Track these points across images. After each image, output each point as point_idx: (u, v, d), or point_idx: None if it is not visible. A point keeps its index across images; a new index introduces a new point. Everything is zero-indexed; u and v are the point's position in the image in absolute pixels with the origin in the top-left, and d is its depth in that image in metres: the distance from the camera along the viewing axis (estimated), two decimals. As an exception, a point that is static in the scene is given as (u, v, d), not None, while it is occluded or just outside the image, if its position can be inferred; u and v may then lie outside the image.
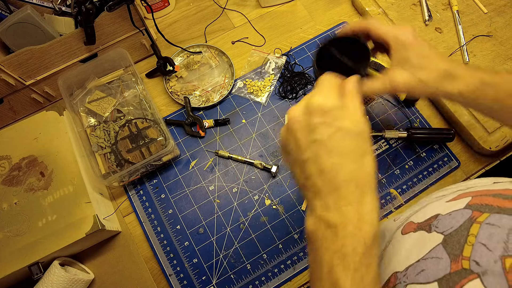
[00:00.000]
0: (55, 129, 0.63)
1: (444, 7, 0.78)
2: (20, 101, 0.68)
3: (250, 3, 0.83)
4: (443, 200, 0.36)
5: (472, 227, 0.28)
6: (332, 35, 0.78)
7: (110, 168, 0.64)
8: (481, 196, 0.31)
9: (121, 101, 0.69)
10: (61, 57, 0.65)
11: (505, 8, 0.77)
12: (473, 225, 0.28)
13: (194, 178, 0.67)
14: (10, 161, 0.60)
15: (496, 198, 0.30)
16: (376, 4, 0.78)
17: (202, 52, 0.77)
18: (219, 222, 0.64)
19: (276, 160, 0.68)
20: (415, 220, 0.36)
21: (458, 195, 0.35)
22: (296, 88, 0.73)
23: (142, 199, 0.66)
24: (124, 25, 0.66)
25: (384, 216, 0.64)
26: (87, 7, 0.57)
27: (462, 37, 0.73)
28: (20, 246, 0.54)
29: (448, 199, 0.35)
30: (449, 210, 0.32)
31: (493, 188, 0.33)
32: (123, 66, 0.71)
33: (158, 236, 0.64)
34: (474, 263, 0.26)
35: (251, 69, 0.76)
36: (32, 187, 0.58)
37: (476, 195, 0.32)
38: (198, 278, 0.61)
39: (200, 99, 0.73)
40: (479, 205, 0.30)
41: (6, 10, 0.63)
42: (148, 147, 0.65)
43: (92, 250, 0.62)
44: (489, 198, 0.30)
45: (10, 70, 0.60)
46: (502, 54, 0.72)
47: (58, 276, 0.53)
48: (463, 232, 0.29)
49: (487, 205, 0.29)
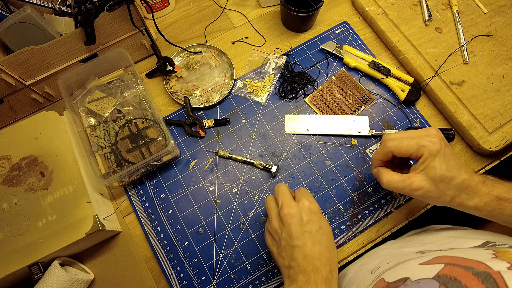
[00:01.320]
0: (55, 129, 0.63)
1: (444, 7, 0.78)
2: (20, 101, 0.68)
3: (250, 3, 0.83)
4: (417, 262, 0.38)
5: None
6: (332, 35, 0.78)
7: (110, 168, 0.64)
8: (454, 266, 0.32)
9: (121, 101, 0.69)
10: (61, 57, 0.65)
11: (505, 8, 0.77)
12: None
13: (194, 178, 0.67)
14: (10, 161, 0.60)
15: (467, 272, 0.30)
16: (376, 4, 0.78)
17: (202, 52, 0.77)
18: (219, 222, 0.64)
19: (276, 160, 0.68)
20: (386, 278, 0.38)
21: (434, 258, 0.36)
22: (296, 88, 0.73)
23: (142, 199, 0.66)
24: (124, 25, 0.66)
25: (384, 216, 0.64)
26: (87, 7, 0.57)
27: (462, 37, 0.73)
28: (20, 246, 0.54)
29: (423, 260, 0.37)
30: (419, 277, 0.33)
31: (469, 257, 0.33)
32: (123, 66, 0.71)
33: (158, 236, 0.64)
34: None
35: (251, 69, 0.76)
36: (32, 187, 0.58)
37: (450, 263, 0.33)
38: (198, 278, 0.61)
39: (200, 99, 0.73)
40: (448, 278, 0.30)
41: (6, 10, 0.63)
42: (148, 147, 0.65)
43: (92, 250, 0.62)
44: (460, 270, 0.30)
45: (10, 70, 0.60)
46: (502, 54, 0.72)
47: (58, 276, 0.53)
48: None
49: (455, 280, 0.30)
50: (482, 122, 0.66)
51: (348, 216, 0.64)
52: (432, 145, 0.45)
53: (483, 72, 0.71)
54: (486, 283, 0.28)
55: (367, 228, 0.63)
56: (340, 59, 0.75)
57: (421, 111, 0.71)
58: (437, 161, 0.45)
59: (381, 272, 0.41)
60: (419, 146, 0.46)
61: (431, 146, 0.45)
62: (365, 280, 0.45)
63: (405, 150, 0.47)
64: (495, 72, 0.71)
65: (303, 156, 0.68)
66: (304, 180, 0.67)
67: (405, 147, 0.47)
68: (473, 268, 0.30)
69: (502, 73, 0.71)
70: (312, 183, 0.66)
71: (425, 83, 0.71)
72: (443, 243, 0.48)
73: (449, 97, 0.69)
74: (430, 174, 0.45)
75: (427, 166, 0.45)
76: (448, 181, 0.45)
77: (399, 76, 0.72)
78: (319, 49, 0.77)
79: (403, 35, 0.75)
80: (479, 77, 0.70)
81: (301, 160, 0.68)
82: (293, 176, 0.67)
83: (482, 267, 0.30)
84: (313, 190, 0.66)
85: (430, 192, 0.46)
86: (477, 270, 0.29)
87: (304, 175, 0.67)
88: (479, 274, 0.29)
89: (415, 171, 0.47)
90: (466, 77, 0.70)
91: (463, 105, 0.68)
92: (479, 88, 0.69)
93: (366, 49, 0.77)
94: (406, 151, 0.47)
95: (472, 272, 0.29)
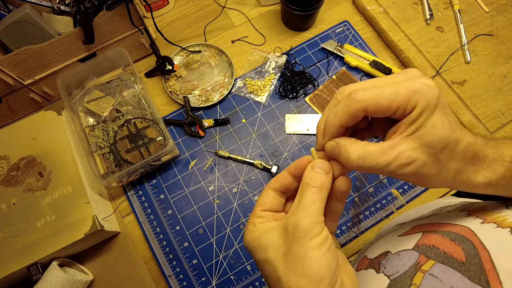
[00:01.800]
0: (54, 129, 0.62)
1: (446, 6, 0.77)
2: (18, 100, 0.68)
3: (250, 2, 0.82)
4: (396, 234, 0.36)
5: (416, 276, 0.28)
6: (333, 34, 0.78)
7: (109, 168, 0.64)
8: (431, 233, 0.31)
9: (120, 100, 0.69)
10: (60, 57, 0.65)
11: (506, 7, 0.76)
12: (417, 274, 0.28)
13: (194, 178, 0.67)
14: (9, 161, 0.60)
15: (444, 238, 0.29)
16: (377, 3, 0.78)
17: (202, 51, 0.76)
18: (219, 222, 0.64)
19: (276, 160, 0.68)
20: (368, 255, 0.36)
21: (412, 228, 0.34)
22: (297, 88, 0.73)
23: (141, 200, 0.66)
24: (123, 24, 0.66)
25: (385, 216, 0.63)
26: (86, 6, 0.56)
27: (463, 36, 0.73)
28: (19, 247, 0.53)
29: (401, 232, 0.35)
30: (399, 249, 0.32)
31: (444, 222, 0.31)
32: (122, 65, 0.71)
33: (157, 237, 0.63)
34: None
35: (251, 68, 0.75)
36: (30, 188, 0.58)
37: (427, 231, 0.32)
38: (197, 279, 0.60)
39: (199, 98, 0.72)
40: (427, 246, 0.29)
41: (4, 9, 0.63)
42: (147, 147, 0.65)
43: (91, 251, 0.62)
44: (438, 237, 0.30)
45: (8, 69, 0.60)
46: (503, 53, 0.72)
47: (57, 277, 0.53)
48: (407, 280, 0.29)
49: (434, 247, 0.28)
50: (483, 122, 0.66)
51: (349, 217, 0.64)
52: (429, 90, 0.27)
53: (484, 71, 0.70)
54: (462, 245, 0.28)
55: (368, 229, 0.63)
56: (341, 58, 0.75)
57: (422, 110, 0.71)
58: (437, 116, 0.27)
59: (364, 250, 0.41)
60: (411, 92, 0.27)
61: (428, 91, 0.27)
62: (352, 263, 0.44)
63: (388, 102, 0.27)
64: (496, 72, 0.70)
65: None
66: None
67: (389, 96, 0.27)
68: (449, 232, 0.30)
69: (503, 72, 0.70)
70: (312, 183, 0.66)
71: (426, 82, 0.70)
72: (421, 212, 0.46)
73: (451, 97, 0.68)
74: (427, 137, 0.28)
75: (422, 124, 0.27)
76: (453, 146, 0.28)
77: (400, 76, 0.71)
78: (319, 48, 0.76)
79: (404, 34, 0.75)
80: (480, 76, 0.70)
81: (301, 160, 0.68)
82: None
83: (457, 229, 0.30)
84: (313, 190, 0.65)
85: (426, 166, 0.28)
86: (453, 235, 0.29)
87: (304, 175, 0.67)
88: (456, 239, 0.29)
89: (401, 135, 0.28)
90: (467, 77, 0.70)
91: (464, 105, 0.68)
92: (481, 88, 0.69)
93: (367, 48, 0.76)
94: (390, 104, 0.27)
95: (449, 237, 0.29)
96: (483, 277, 0.24)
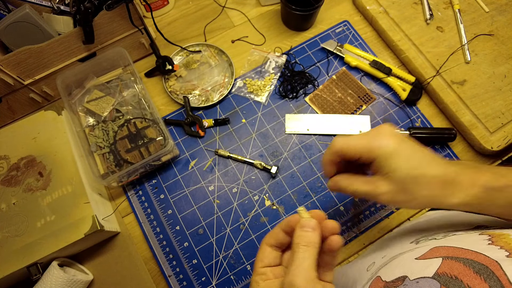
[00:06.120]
0: (54, 129, 0.62)
1: (446, 5, 0.77)
2: (18, 100, 0.68)
3: (250, 1, 0.82)
4: (412, 256, 0.35)
5: None
6: (333, 34, 0.78)
7: (109, 168, 0.64)
8: (452, 260, 0.30)
9: (120, 100, 0.69)
10: (60, 56, 0.65)
11: (506, 7, 0.76)
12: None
13: (194, 178, 0.67)
14: (9, 161, 0.60)
15: (468, 268, 0.28)
16: (377, 3, 0.78)
17: (202, 51, 0.76)
18: (218, 222, 0.64)
19: (276, 160, 0.68)
20: (383, 277, 0.36)
21: (430, 250, 0.34)
22: (297, 88, 0.73)
23: (141, 200, 0.66)
24: (123, 24, 0.66)
25: (385, 216, 0.63)
26: (85, 6, 0.56)
27: (463, 36, 0.73)
28: (19, 247, 0.53)
29: (418, 254, 0.35)
30: (417, 276, 0.31)
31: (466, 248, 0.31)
32: (122, 65, 0.71)
33: (157, 237, 0.63)
34: None
35: (251, 68, 0.75)
36: (30, 187, 0.57)
37: (448, 256, 0.31)
38: (197, 279, 0.60)
39: (199, 98, 0.72)
40: (449, 277, 0.29)
41: (4, 9, 0.63)
42: (147, 147, 0.65)
43: (91, 251, 0.62)
44: (460, 266, 0.29)
45: (8, 69, 0.60)
46: (503, 53, 0.72)
47: (57, 277, 0.53)
48: None
49: (457, 279, 0.28)
50: (483, 122, 0.66)
51: (349, 217, 0.64)
52: (385, 142, 0.38)
53: (484, 71, 0.70)
54: (489, 281, 0.26)
55: (368, 229, 0.63)
56: (341, 58, 0.75)
57: (422, 110, 0.71)
58: (396, 161, 0.37)
59: (377, 269, 0.39)
60: (370, 146, 0.38)
61: (384, 144, 0.38)
62: (361, 278, 0.42)
63: (354, 150, 0.39)
64: (496, 71, 0.70)
65: (303, 156, 0.68)
66: (304, 180, 0.66)
67: (354, 146, 0.39)
68: (472, 261, 0.29)
69: (503, 72, 0.70)
70: (312, 183, 0.66)
71: (427, 82, 0.70)
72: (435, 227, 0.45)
73: (451, 97, 0.68)
74: (393, 177, 0.38)
75: (387, 169, 0.38)
76: (419, 180, 0.37)
77: (400, 76, 0.71)
78: (319, 48, 0.76)
79: (404, 34, 0.74)
80: (480, 76, 0.70)
81: (301, 160, 0.68)
82: (293, 176, 0.66)
83: (481, 259, 0.29)
84: (313, 190, 0.65)
85: (399, 196, 0.38)
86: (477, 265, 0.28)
87: (304, 175, 0.66)
88: (480, 271, 0.28)
89: (379, 175, 0.40)
90: (467, 77, 0.70)
91: (464, 105, 0.68)
92: (481, 88, 0.69)
93: (367, 48, 0.76)
94: (355, 152, 0.39)
95: (473, 269, 0.28)
96: None
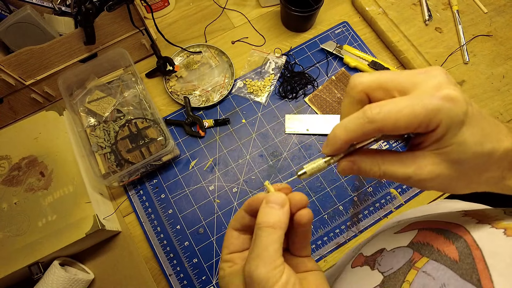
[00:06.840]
0: (55, 129, 0.63)
1: (444, 6, 0.78)
2: (20, 101, 0.68)
3: (250, 3, 0.83)
4: (392, 231, 0.36)
5: (409, 273, 0.28)
6: (332, 35, 0.78)
7: (110, 168, 0.64)
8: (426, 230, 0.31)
9: (121, 101, 0.69)
10: (61, 57, 0.65)
11: (505, 7, 0.77)
12: (411, 271, 0.28)
13: (194, 178, 0.67)
14: (10, 161, 0.60)
15: (439, 235, 0.29)
16: (376, 4, 0.78)
17: (202, 52, 0.77)
18: (219, 222, 0.64)
19: (276, 160, 0.68)
20: (364, 253, 0.36)
21: (408, 225, 0.34)
22: (296, 88, 0.73)
23: (142, 199, 0.66)
24: (124, 25, 0.66)
25: (384, 216, 0.64)
26: (87, 7, 0.57)
27: (462, 37, 0.73)
28: (20, 246, 0.54)
29: (398, 229, 0.35)
30: (394, 246, 0.32)
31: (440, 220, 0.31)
32: (123, 66, 0.71)
33: (158, 236, 0.63)
34: None
35: (251, 69, 0.76)
36: (32, 187, 0.58)
37: (423, 228, 0.31)
38: (198, 278, 0.61)
39: (200, 99, 0.73)
40: (421, 243, 0.29)
41: (6, 10, 0.63)
42: (148, 147, 0.65)
43: (92, 250, 0.62)
44: (432, 234, 0.29)
45: (10, 70, 0.60)
46: (502, 54, 0.72)
47: (58, 276, 0.53)
48: (400, 276, 0.28)
49: (428, 244, 0.28)
50: (482, 122, 0.66)
51: (348, 216, 0.64)
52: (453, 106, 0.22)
53: (483, 72, 0.71)
54: (456, 243, 0.27)
55: (367, 228, 0.63)
56: (340, 59, 0.75)
57: (421, 111, 0.71)
58: (466, 133, 0.23)
59: (360, 247, 0.41)
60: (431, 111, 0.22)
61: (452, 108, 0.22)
62: (346, 257, 0.44)
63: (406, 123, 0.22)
64: (495, 72, 0.71)
65: (303, 156, 0.68)
66: (304, 180, 0.67)
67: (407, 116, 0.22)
68: (444, 230, 0.30)
69: (502, 72, 0.71)
70: (312, 183, 0.66)
71: (425, 83, 0.71)
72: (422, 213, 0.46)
73: (449, 97, 0.69)
74: (454, 154, 0.24)
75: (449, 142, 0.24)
76: (486, 159, 0.24)
77: (399, 76, 0.72)
78: (319, 49, 0.77)
79: (403, 35, 0.75)
80: (479, 76, 0.70)
81: (301, 160, 0.68)
82: (293, 176, 0.67)
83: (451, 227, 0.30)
84: (313, 190, 0.66)
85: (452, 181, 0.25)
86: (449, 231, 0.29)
87: (304, 175, 0.67)
88: (450, 237, 0.28)
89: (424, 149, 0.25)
90: (466, 77, 0.70)
91: (463, 105, 0.68)
92: (479, 88, 0.69)
93: (366, 49, 0.77)
94: (408, 125, 0.23)
95: (444, 235, 0.29)
96: (475, 276, 0.24)
